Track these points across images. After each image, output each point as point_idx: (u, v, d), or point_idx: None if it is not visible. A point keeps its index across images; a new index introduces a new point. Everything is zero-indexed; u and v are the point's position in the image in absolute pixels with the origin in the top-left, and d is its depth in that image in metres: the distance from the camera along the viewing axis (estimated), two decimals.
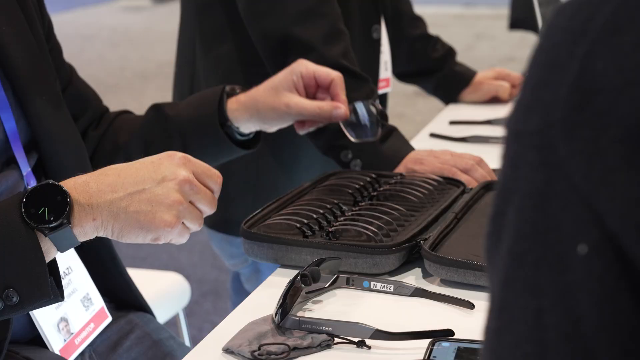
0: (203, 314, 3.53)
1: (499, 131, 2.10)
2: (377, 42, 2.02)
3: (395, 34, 2.26)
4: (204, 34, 1.91)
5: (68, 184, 1.09)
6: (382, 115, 1.72)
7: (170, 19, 9.33)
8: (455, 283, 1.26)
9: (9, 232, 1.05)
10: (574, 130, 0.51)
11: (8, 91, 1.29)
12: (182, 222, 1.12)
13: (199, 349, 1.13)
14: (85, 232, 1.09)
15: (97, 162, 1.54)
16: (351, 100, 1.59)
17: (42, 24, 1.43)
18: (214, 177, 1.17)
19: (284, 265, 1.36)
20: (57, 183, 1.07)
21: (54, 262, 1.11)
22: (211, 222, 1.98)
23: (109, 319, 1.43)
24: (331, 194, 1.50)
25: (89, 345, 1.41)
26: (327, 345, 1.10)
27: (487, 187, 1.55)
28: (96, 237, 1.12)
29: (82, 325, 1.37)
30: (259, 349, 1.07)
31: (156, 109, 1.57)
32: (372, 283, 1.26)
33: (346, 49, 1.73)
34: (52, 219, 1.05)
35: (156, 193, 1.10)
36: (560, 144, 0.52)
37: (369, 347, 1.10)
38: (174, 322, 2.28)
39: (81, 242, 1.10)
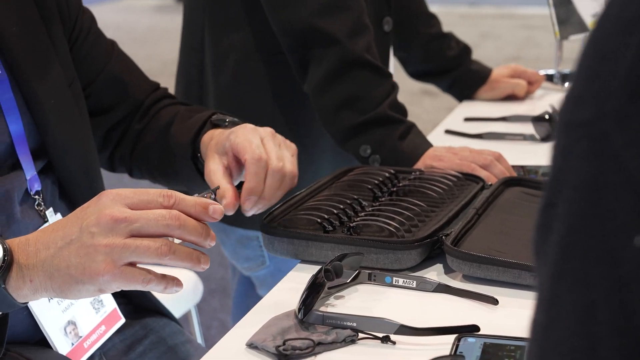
0: (211, 312, 3.53)
1: (514, 128, 2.09)
2: (388, 35, 2.01)
3: (409, 33, 2.25)
4: (215, 23, 1.89)
5: (13, 243, 1.03)
6: (402, 110, 1.72)
7: (174, 17, 9.32)
8: (477, 279, 1.25)
9: None
10: (628, 120, 0.50)
11: (17, 94, 1.28)
12: (130, 263, 0.99)
13: (222, 344, 1.12)
14: (24, 294, 1.03)
15: (135, 159, 1.53)
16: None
17: (69, 21, 1.41)
18: (152, 202, 1.02)
19: (304, 261, 1.35)
20: (2, 241, 1.02)
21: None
22: (227, 218, 1.97)
23: (122, 320, 1.41)
24: (350, 190, 1.49)
25: (99, 349, 1.39)
26: (351, 341, 1.10)
27: (506, 183, 1.54)
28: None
29: (91, 328, 1.35)
30: (284, 344, 1.06)
31: (167, 126, 1.51)
32: (394, 279, 1.25)
33: (369, 43, 1.72)
34: None
35: (82, 241, 0.99)
36: (614, 135, 0.51)
37: (394, 343, 1.09)
38: (185, 319, 2.27)
39: (25, 304, 1.06)
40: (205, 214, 1.04)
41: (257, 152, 1.32)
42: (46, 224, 1.31)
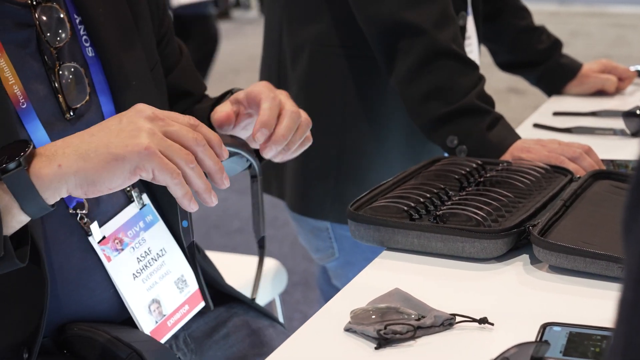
0: (293, 304, 3.56)
1: (604, 123, 2.07)
2: (462, 29, 2.00)
3: (500, 25, 2.24)
4: (293, 16, 1.92)
5: (39, 150, 1.08)
6: (489, 101, 1.71)
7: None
8: (563, 270, 1.25)
9: None
10: None
11: (105, 75, 1.32)
12: (165, 157, 1.07)
13: (316, 327, 1.14)
14: (47, 183, 1.05)
15: None
16: None
17: (156, 5, 1.45)
18: (181, 119, 1.12)
19: (389, 248, 1.36)
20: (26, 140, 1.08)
21: (25, 230, 1.09)
22: (293, 206, 1.99)
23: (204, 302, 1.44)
24: (437, 179, 1.50)
25: (184, 330, 1.42)
26: (449, 324, 1.11)
27: (595, 175, 1.53)
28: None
29: (175, 307, 1.37)
30: (385, 328, 1.07)
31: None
32: None
33: (456, 34, 1.72)
34: (6, 158, 1.04)
35: (123, 125, 1.07)
36: None
37: (492, 324, 1.10)
38: (269, 307, 2.29)
39: (52, 206, 1.07)
40: (219, 146, 1.12)
41: (272, 94, 1.35)
42: (132, 204, 1.35)
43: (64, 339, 1.29)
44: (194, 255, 1.28)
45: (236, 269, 2.09)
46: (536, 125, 2.07)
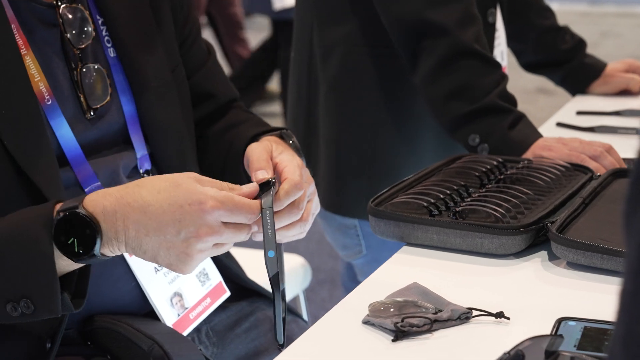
0: (319, 302, 3.57)
1: (627, 122, 2.07)
2: (492, 26, 2.01)
3: (523, 25, 2.25)
4: (323, 18, 1.94)
5: (97, 210, 1.10)
6: (511, 100, 1.73)
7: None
8: (581, 266, 1.26)
9: (34, 249, 1.10)
10: None
11: (125, 76, 1.35)
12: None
13: (334, 319, 1.16)
14: (105, 257, 1.13)
15: (210, 158, 1.54)
16: None
17: (180, 6, 1.47)
18: (245, 212, 1.12)
19: (409, 244, 1.38)
20: (86, 214, 1.10)
21: (86, 268, 1.16)
22: (325, 204, 2.01)
23: (227, 293, 1.46)
24: (458, 176, 1.52)
25: (206, 323, 1.44)
26: (466, 318, 1.13)
27: (616, 174, 1.53)
28: None
29: (197, 300, 1.39)
30: (402, 320, 1.09)
31: (235, 125, 1.53)
32: None
33: (478, 33, 1.73)
34: (81, 251, 1.10)
35: (178, 247, 1.10)
36: None
37: (508, 319, 1.12)
38: (294, 303, 2.31)
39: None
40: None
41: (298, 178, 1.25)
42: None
43: (88, 331, 1.32)
44: (278, 287, 1.23)
45: (258, 265, 2.10)
46: (559, 125, 2.08)
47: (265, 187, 1.18)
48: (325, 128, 1.95)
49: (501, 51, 2.09)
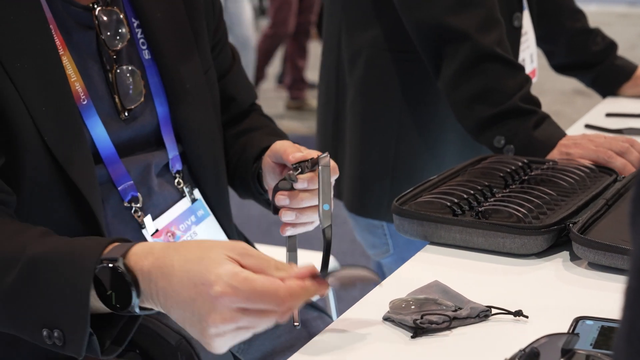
0: (350, 300, 3.57)
1: None
2: (518, 30, 2.02)
3: (554, 27, 2.26)
4: (350, 21, 1.96)
5: (137, 268, 1.04)
6: (534, 102, 1.74)
7: None
8: (602, 267, 1.27)
9: (74, 286, 1.06)
10: None
11: (160, 78, 1.38)
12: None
13: (356, 315, 1.19)
14: (151, 311, 1.07)
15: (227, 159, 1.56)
16: None
17: (212, 12, 1.50)
18: (268, 300, 0.98)
19: (432, 243, 1.40)
20: (126, 271, 1.04)
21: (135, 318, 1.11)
22: (350, 206, 2.03)
23: None
24: (483, 177, 1.53)
25: None
26: (485, 316, 1.14)
27: None
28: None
29: None
30: (421, 317, 1.11)
31: (251, 129, 1.56)
32: None
33: (500, 37, 1.75)
34: (118, 306, 1.05)
35: (194, 325, 1.01)
36: None
37: (527, 317, 1.13)
38: (323, 301, 2.32)
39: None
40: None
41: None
42: (184, 199, 1.40)
43: None
44: (330, 238, 1.24)
45: (298, 264, 2.11)
46: (588, 126, 2.09)
47: (302, 164, 1.26)
48: (352, 131, 1.98)
49: (530, 54, 2.10)
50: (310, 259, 1.55)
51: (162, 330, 1.31)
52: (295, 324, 1.28)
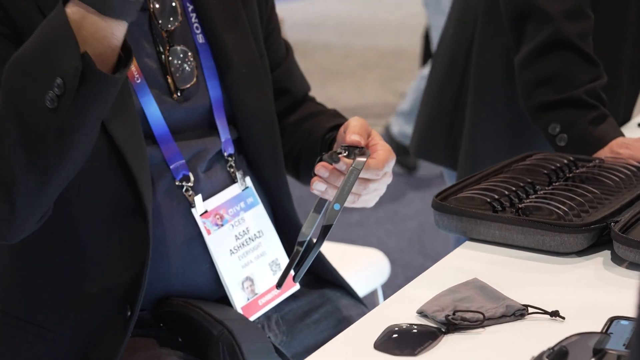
0: (389, 294, 3.56)
1: None
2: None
3: None
4: (488, 4, 1.96)
5: None
6: (600, 99, 1.72)
7: (394, 10, 9.41)
8: None
9: (52, 21, 1.13)
10: None
11: (215, 61, 1.39)
12: None
13: (391, 308, 1.19)
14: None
15: (286, 147, 1.55)
16: None
17: (265, 2, 1.51)
18: None
19: (472, 239, 1.38)
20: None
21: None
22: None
23: (297, 287, 1.48)
24: (527, 173, 1.52)
25: (277, 312, 1.47)
26: (520, 315, 1.13)
27: None
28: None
29: (267, 288, 1.42)
30: (454, 314, 1.11)
31: (314, 114, 1.57)
32: None
33: (585, 31, 1.75)
34: None
35: None
36: None
37: (563, 318, 1.12)
38: (371, 298, 2.32)
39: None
40: None
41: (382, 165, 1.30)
42: (235, 185, 1.41)
43: (160, 313, 1.37)
44: (324, 237, 1.23)
45: (346, 260, 2.12)
46: None
47: (352, 149, 1.25)
48: (472, 111, 1.99)
49: None
50: (327, 250, 1.56)
51: (205, 319, 1.33)
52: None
